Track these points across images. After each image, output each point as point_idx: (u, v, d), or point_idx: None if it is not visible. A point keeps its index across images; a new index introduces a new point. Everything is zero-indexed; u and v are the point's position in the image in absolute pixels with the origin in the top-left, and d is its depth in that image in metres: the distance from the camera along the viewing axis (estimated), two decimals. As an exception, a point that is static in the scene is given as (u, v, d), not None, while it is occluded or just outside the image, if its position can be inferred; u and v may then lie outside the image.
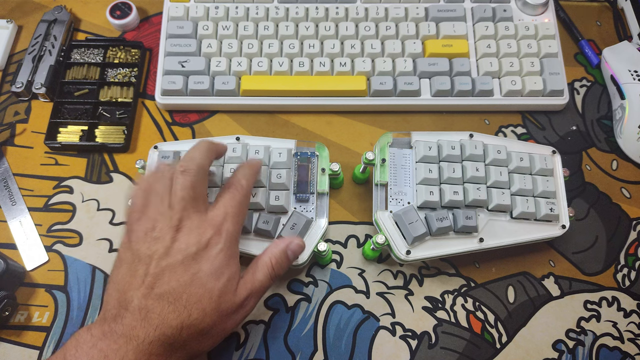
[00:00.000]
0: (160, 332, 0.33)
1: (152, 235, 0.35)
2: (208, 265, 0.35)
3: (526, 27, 0.56)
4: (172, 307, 0.33)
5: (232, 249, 0.37)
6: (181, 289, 0.34)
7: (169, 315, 0.33)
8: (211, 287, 0.35)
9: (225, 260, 0.36)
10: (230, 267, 0.36)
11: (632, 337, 0.46)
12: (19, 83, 0.54)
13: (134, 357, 0.32)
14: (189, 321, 0.33)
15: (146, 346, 0.32)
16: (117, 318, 0.33)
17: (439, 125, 0.54)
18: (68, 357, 0.31)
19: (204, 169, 0.39)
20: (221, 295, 0.35)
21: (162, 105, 0.54)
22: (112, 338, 0.32)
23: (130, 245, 0.36)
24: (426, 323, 0.46)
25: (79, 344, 0.32)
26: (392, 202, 0.45)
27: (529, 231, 0.46)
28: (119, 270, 0.36)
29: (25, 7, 0.60)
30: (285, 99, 0.54)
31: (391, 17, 0.56)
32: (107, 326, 0.33)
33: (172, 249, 0.35)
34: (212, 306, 0.34)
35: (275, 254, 0.39)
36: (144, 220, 0.36)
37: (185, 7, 0.56)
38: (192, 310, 0.34)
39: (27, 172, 0.52)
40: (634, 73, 0.54)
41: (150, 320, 0.33)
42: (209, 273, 0.35)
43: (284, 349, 0.45)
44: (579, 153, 0.54)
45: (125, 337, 0.32)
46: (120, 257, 0.36)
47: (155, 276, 0.34)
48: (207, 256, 0.35)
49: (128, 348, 0.32)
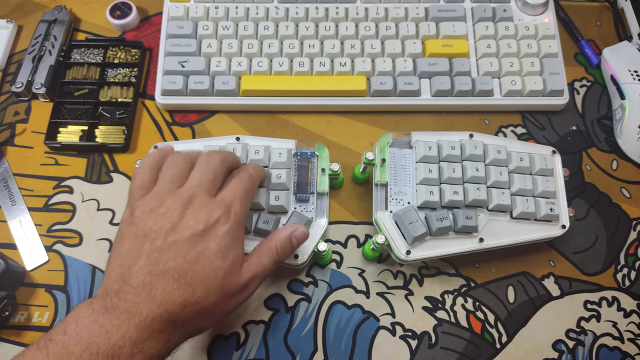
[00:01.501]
0: (164, 308, 0.32)
1: (160, 211, 0.35)
2: (215, 244, 0.35)
3: (526, 27, 0.56)
4: (176, 284, 0.33)
5: (239, 231, 0.37)
6: (187, 266, 0.33)
7: (173, 292, 0.33)
8: (217, 266, 0.35)
9: (232, 241, 0.36)
10: (236, 248, 0.36)
11: (632, 337, 0.46)
12: (19, 83, 0.54)
13: (136, 334, 0.31)
14: (192, 299, 0.33)
15: (149, 323, 0.32)
16: (119, 293, 0.32)
17: (439, 125, 0.54)
18: (68, 331, 0.31)
19: (228, 162, 0.40)
20: (226, 275, 0.35)
21: (162, 105, 0.54)
22: (115, 313, 0.31)
23: (134, 220, 0.35)
24: (426, 323, 0.46)
25: (79, 318, 0.31)
26: (392, 202, 0.45)
27: (529, 231, 0.46)
28: (122, 244, 0.35)
29: (25, 7, 0.60)
30: (285, 99, 0.54)
31: (391, 17, 0.56)
32: (109, 301, 0.32)
33: (180, 225, 0.35)
34: (216, 285, 0.34)
35: (280, 240, 0.40)
36: (151, 197, 0.36)
37: (185, 7, 0.56)
38: (196, 287, 0.33)
39: (27, 172, 0.52)
40: (634, 73, 0.54)
41: (154, 296, 0.32)
42: (215, 252, 0.35)
43: (284, 349, 0.45)
44: (579, 153, 0.54)
45: (127, 312, 0.31)
46: (122, 232, 0.36)
47: (160, 251, 0.34)
48: (214, 235, 0.35)
49: (130, 324, 0.31)
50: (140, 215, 0.35)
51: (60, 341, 0.30)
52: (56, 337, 0.30)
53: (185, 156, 0.40)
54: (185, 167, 0.38)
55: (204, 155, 0.39)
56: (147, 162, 0.39)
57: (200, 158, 0.39)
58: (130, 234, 0.35)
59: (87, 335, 0.30)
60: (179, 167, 0.38)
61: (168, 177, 0.37)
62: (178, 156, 0.40)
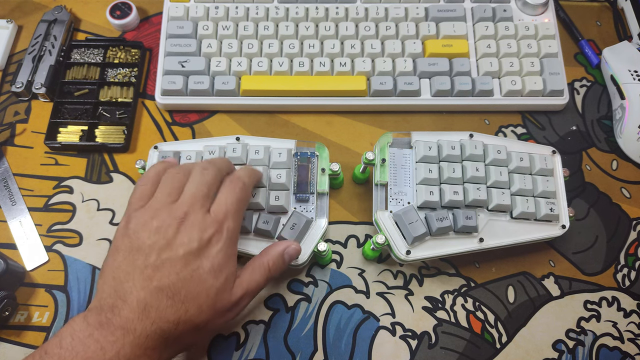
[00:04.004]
0: (157, 326, 0.33)
1: (154, 225, 0.35)
2: (208, 262, 0.35)
3: (526, 27, 0.56)
4: (170, 302, 0.33)
5: (232, 248, 0.37)
6: (180, 284, 0.34)
7: (167, 310, 0.33)
8: (209, 284, 0.35)
9: (224, 259, 0.36)
10: (229, 266, 0.37)
11: (632, 337, 0.46)
12: (19, 83, 0.54)
13: (130, 351, 0.31)
14: (185, 317, 0.34)
15: (143, 340, 0.32)
16: (114, 309, 0.33)
17: (439, 125, 0.54)
18: (64, 344, 0.31)
19: (221, 174, 0.40)
20: (218, 293, 0.35)
21: (162, 105, 0.54)
22: (109, 329, 0.32)
23: (128, 233, 0.35)
24: (426, 323, 0.46)
25: (74, 332, 0.31)
26: (392, 202, 0.45)
27: (529, 231, 0.46)
28: (115, 257, 0.35)
29: (25, 7, 0.60)
30: (285, 99, 0.54)
31: (391, 17, 0.56)
32: (104, 316, 0.32)
33: (174, 242, 0.35)
34: (209, 303, 0.35)
35: (273, 256, 0.40)
36: (147, 210, 0.36)
37: (185, 7, 0.56)
38: (189, 306, 0.34)
39: (27, 172, 0.52)
40: (634, 73, 0.54)
41: (148, 314, 0.32)
42: (208, 270, 0.35)
43: (284, 349, 0.45)
44: (579, 153, 0.54)
45: (122, 329, 0.32)
46: (117, 244, 0.36)
47: (154, 268, 0.34)
48: (207, 253, 0.35)
49: (125, 341, 0.31)
50: (134, 227, 0.36)
51: (56, 355, 0.31)
52: (52, 351, 0.31)
53: (182, 168, 0.40)
54: (182, 179, 0.38)
55: (198, 169, 0.39)
56: (150, 174, 0.39)
57: (195, 172, 0.39)
58: (125, 246, 0.35)
59: (83, 351, 0.31)
60: (175, 179, 0.38)
61: (164, 190, 0.38)
62: (176, 169, 0.40)
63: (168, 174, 0.39)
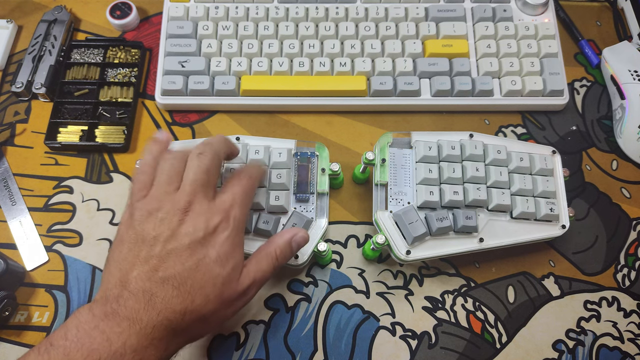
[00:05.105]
0: (164, 316, 0.32)
1: (158, 216, 0.35)
2: (214, 251, 0.35)
3: (526, 27, 0.56)
4: (176, 292, 0.33)
5: (239, 237, 0.37)
6: (186, 274, 0.33)
7: (173, 300, 0.33)
8: (216, 273, 0.34)
9: (231, 247, 0.36)
10: (236, 255, 0.36)
11: (632, 337, 0.46)
12: (19, 83, 0.54)
13: (136, 341, 0.31)
14: (192, 307, 0.33)
15: (149, 330, 0.32)
16: (119, 299, 0.32)
17: (439, 125, 0.54)
18: (69, 336, 0.30)
19: (219, 156, 0.39)
20: (225, 282, 0.35)
21: (162, 105, 0.54)
22: (115, 320, 0.31)
23: (133, 224, 0.35)
24: (426, 323, 0.46)
25: (80, 323, 0.31)
26: (392, 202, 0.45)
27: (529, 231, 0.46)
28: (121, 248, 0.35)
29: (25, 7, 0.60)
30: (285, 99, 0.54)
31: (391, 17, 0.56)
32: (109, 307, 0.32)
33: (179, 232, 0.34)
34: (216, 293, 0.34)
35: (280, 244, 0.39)
36: (149, 200, 0.36)
37: (185, 7, 0.56)
38: (195, 296, 0.33)
39: (27, 172, 0.52)
40: (634, 73, 0.54)
41: (154, 304, 0.32)
42: (214, 259, 0.34)
43: (284, 349, 0.45)
44: (579, 153, 0.54)
45: (128, 320, 0.31)
46: (122, 236, 0.35)
47: (160, 259, 0.33)
48: (213, 242, 0.35)
49: (131, 332, 0.31)
50: (139, 218, 0.35)
51: (62, 347, 0.30)
52: (57, 342, 0.30)
53: (179, 153, 0.39)
54: (180, 165, 0.38)
55: (195, 154, 0.38)
56: (148, 160, 0.39)
57: (191, 156, 0.38)
58: (129, 238, 0.35)
59: (89, 342, 0.30)
60: (174, 166, 0.37)
61: (164, 178, 0.37)
62: (173, 153, 0.39)
63: (166, 161, 0.38)
